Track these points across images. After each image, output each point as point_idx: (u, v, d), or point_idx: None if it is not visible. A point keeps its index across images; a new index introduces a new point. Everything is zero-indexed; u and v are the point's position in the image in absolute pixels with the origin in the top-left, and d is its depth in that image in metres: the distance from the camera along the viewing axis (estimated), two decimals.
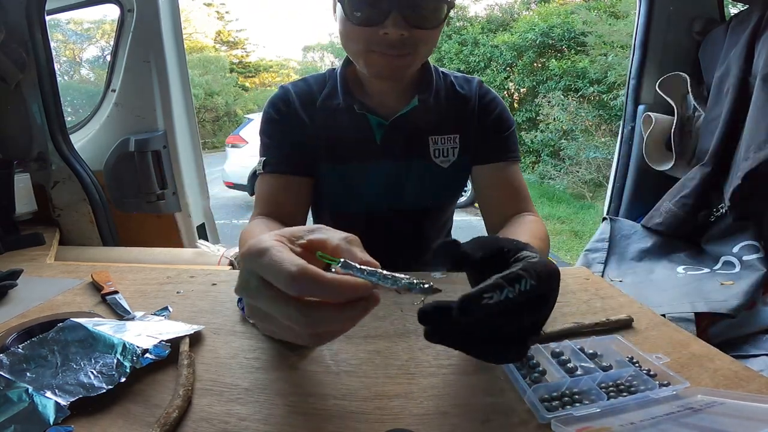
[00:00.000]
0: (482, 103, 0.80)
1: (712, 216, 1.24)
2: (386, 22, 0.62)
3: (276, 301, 0.31)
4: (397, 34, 0.63)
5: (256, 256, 0.32)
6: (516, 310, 0.32)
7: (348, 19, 0.65)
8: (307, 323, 0.31)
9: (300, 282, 0.30)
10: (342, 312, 0.31)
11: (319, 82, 0.80)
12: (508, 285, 0.31)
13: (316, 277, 0.30)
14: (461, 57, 8.43)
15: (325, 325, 0.32)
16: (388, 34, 0.63)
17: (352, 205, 0.82)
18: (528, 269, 0.33)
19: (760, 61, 1.11)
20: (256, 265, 0.32)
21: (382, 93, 0.77)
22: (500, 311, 0.31)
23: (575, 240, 4.37)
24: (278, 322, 0.33)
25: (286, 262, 0.30)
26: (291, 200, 0.76)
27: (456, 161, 0.79)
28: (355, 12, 0.64)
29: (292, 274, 0.30)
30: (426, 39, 0.67)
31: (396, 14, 0.62)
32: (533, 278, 0.32)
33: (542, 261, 0.35)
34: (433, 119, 0.77)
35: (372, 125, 0.76)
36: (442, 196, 0.85)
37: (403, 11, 0.62)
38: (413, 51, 0.67)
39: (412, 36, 0.64)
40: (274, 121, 0.77)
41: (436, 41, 0.70)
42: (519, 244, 0.39)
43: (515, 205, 0.76)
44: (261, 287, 0.32)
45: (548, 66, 7.37)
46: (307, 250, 0.35)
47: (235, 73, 18.23)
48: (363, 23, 0.64)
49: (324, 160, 0.77)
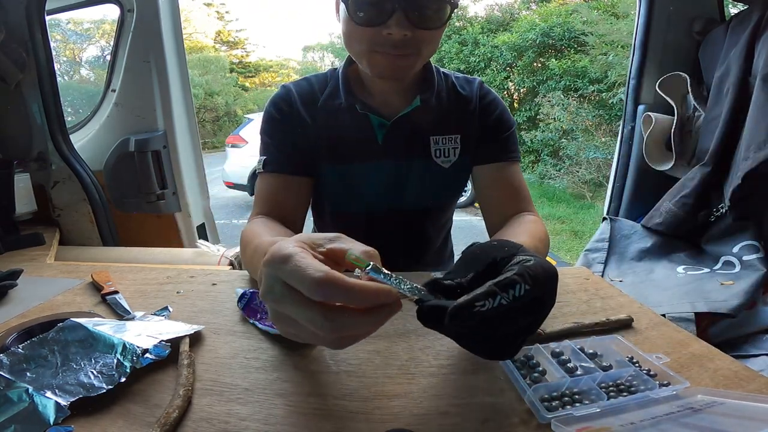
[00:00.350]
0: (483, 104, 0.80)
1: (712, 216, 1.23)
2: (389, 22, 0.62)
3: (300, 305, 0.32)
4: (401, 34, 0.63)
5: (280, 262, 0.33)
6: (511, 315, 0.32)
7: (351, 19, 0.65)
8: (331, 328, 0.31)
9: (324, 287, 0.30)
10: (366, 317, 0.32)
11: (320, 81, 0.80)
12: (501, 291, 0.31)
13: (340, 283, 0.30)
14: (461, 57, 8.43)
15: (348, 329, 0.32)
16: (391, 34, 0.63)
17: (353, 205, 0.82)
18: (522, 273, 0.32)
19: (760, 61, 1.11)
20: (280, 272, 0.33)
21: (384, 93, 0.77)
22: (494, 317, 0.31)
23: (575, 240, 4.37)
24: (302, 326, 0.33)
25: (310, 267, 0.31)
26: (291, 200, 0.76)
27: (457, 161, 0.79)
28: (359, 12, 0.63)
29: (316, 280, 0.30)
30: (429, 39, 0.67)
31: (399, 14, 0.62)
32: (528, 282, 0.32)
33: (538, 262, 0.34)
34: (434, 119, 0.77)
35: (373, 125, 0.76)
36: (443, 196, 0.85)
37: (407, 11, 0.62)
38: (416, 51, 0.67)
39: (416, 36, 0.64)
40: (275, 120, 0.77)
41: (438, 42, 0.70)
42: (512, 249, 0.38)
43: (515, 205, 0.76)
44: (285, 293, 0.32)
45: (548, 66, 7.37)
46: (328, 258, 0.36)
47: (235, 73, 18.24)
48: (366, 23, 0.64)
49: (325, 159, 0.77)
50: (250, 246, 0.62)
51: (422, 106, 0.75)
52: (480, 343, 0.35)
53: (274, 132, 0.77)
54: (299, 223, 0.77)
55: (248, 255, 0.63)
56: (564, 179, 6.15)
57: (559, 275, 0.36)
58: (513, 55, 7.80)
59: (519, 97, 8.25)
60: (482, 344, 0.35)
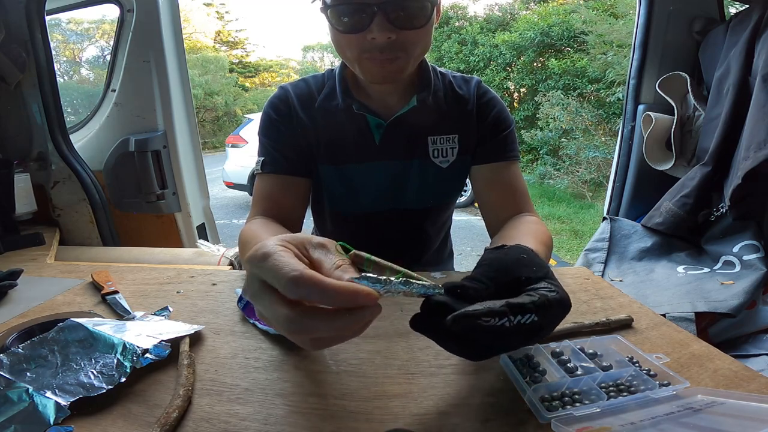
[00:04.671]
0: (480, 103, 0.80)
1: (712, 216, 1.23)
2: (371, 26, 0.62)
3: (274, 304, 0.32)
4: (384, 37, 0.63)
5: (260, 260, 0.32)
6: (507, 335, 0.33)
7: (335, 29, 0.65)
8: (300, 328, 0.31)
9: (300, 285, 0.30)
10: (340, 319, 0.31)
11: (318, 82, 0.80)
12: (510, 314, 0.33)
13: (316, 281, 0.30)
14: (461, 57, 8.43)
15: (320, 330, 0.31)
16: (375, 38, 0.63)
17: (352, 205, 0.82)
18: (540, 305, 0.34)
19: (759, 61, 1.11)
20: (258, 269, 0.33)
21: (381, 93, 0.77)
22: (492, 332, 0.33)
23: (575, 240, 4.37)
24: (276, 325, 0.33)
25: (286, 266, 0.31)
26: (289, 200, 0.76)
27: (455, 161, 0.79)
28: (342, 18, 0.64)
29: (291, 278, 0.30)
30: (415, 39, 0.66)
31: (380, 18, 0.61)
32: (538, 315, 0.33)
33: (558, 297, 0.36)
34: (431, 119, 0.77)
35: (371, 126, 0.77)
36: (442, 197, 0.85)
37: (387, 14, 0.61)
38: (404, 53, 0.66)
39: (401, 38, 0.64)
40: (273, 121, 0.77)
41: (428, 41, 0.69)
42: (539, 271, 0.39)
43: (514, 205, 0.76)
44: (262, 290, 0.32)
45: (548, 65, 7.37)
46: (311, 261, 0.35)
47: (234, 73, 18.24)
48: (350, 30, 0.64)
49: (323, 160, 0.78)
50: (247, 246, 0.62)
51: (419, 105, 0.75)
52: (461, 344, 0.36)
53: (272, 133, 0.77)
54: (298, 223, 0.77)
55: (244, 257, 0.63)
56: (564, 179, 6.15)
57: (559, 276, 0.36)
58: (512, 54, 7.80)
59: (518, 97, 8.25)
60: (462, 346, 0.37)
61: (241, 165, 5.44)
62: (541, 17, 7.75)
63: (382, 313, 0.59)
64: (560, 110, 6.31)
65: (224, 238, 1.92)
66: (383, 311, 0.59)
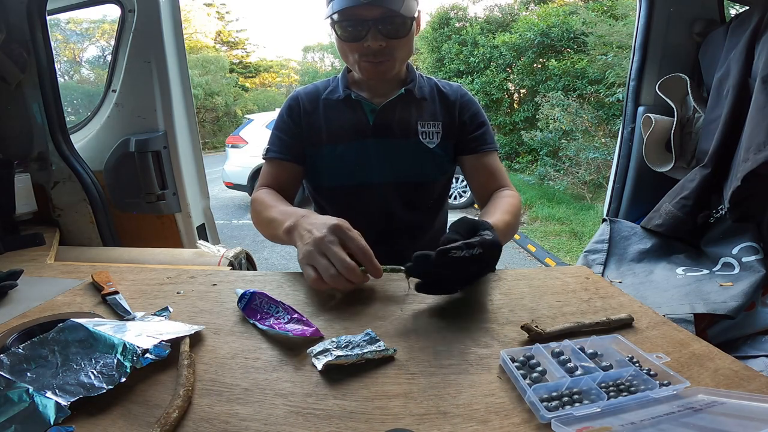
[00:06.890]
0: (462, 101, 0.99)
1: (711, 217, 1.23)
2: (367, 36, 0.83)
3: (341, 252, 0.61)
4: (377, 44, 0.84)
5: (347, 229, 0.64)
6: (466, 262, 0.57)
7: (339, 38, 0.86)
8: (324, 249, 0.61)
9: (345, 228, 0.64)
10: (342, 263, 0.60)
11: (324, 84, 1.00)
12: (466, 248, 0.57)
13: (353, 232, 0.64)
14: (461, 57, 8.43)
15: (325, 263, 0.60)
16: (370, 45, 0.84)
17: (349, 178, 0.96)
18: (480, 243, 0.58)
19: (759, 63, 1.11)
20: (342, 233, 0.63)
21: (375, 87, 0.96)
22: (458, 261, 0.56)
23: (575, 241, 4.37)
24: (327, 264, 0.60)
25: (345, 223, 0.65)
26: (288, 180, 0.97)
27: (439, 143, 0.96)
28: (346, 29, 0.84)
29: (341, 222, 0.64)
30: (399, 46, 0.86)
31: (374, 30, 0.82)
32: (480, 248, 0.57)
33: (491, 238, 0.60)
34: (418, 107, 0.95)
35: (366, 110, 0.95)
36: (430, 172, 0.98)
37: (379, 27, 0.82)
38: (391, 57, 0.87)
39: (390, 45, 0.85)
40: (284, 119, 0.97)
41: (410, 47, 0.90)
42: (486, 224, 0.64)
43: (495, 184, 0.96)
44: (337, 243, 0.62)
45: (548, 66, 7.37)
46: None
47: (235, 73, 18.24)
48: (350, 39, 0.85)
49: (325, 141, 0.94)
50: (266, 209, 0.83)
51: (405, 94, 0.94)
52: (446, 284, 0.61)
53: (282, 127, 0.97)
54: (292, 198, 0.96)
55: (264, 216, 0.83)
56: (564, 180, 6.15)
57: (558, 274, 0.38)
58: (512, 55, 7.80)
59: (518, 98, 8.25)
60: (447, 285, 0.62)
61: (241, 165, 5.44)
62: (541, 18, 7.75)
63: (382, 313, 0.59)
64: (560, 111, 6.31)
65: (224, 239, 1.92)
66: (383, 311, 0.60)
